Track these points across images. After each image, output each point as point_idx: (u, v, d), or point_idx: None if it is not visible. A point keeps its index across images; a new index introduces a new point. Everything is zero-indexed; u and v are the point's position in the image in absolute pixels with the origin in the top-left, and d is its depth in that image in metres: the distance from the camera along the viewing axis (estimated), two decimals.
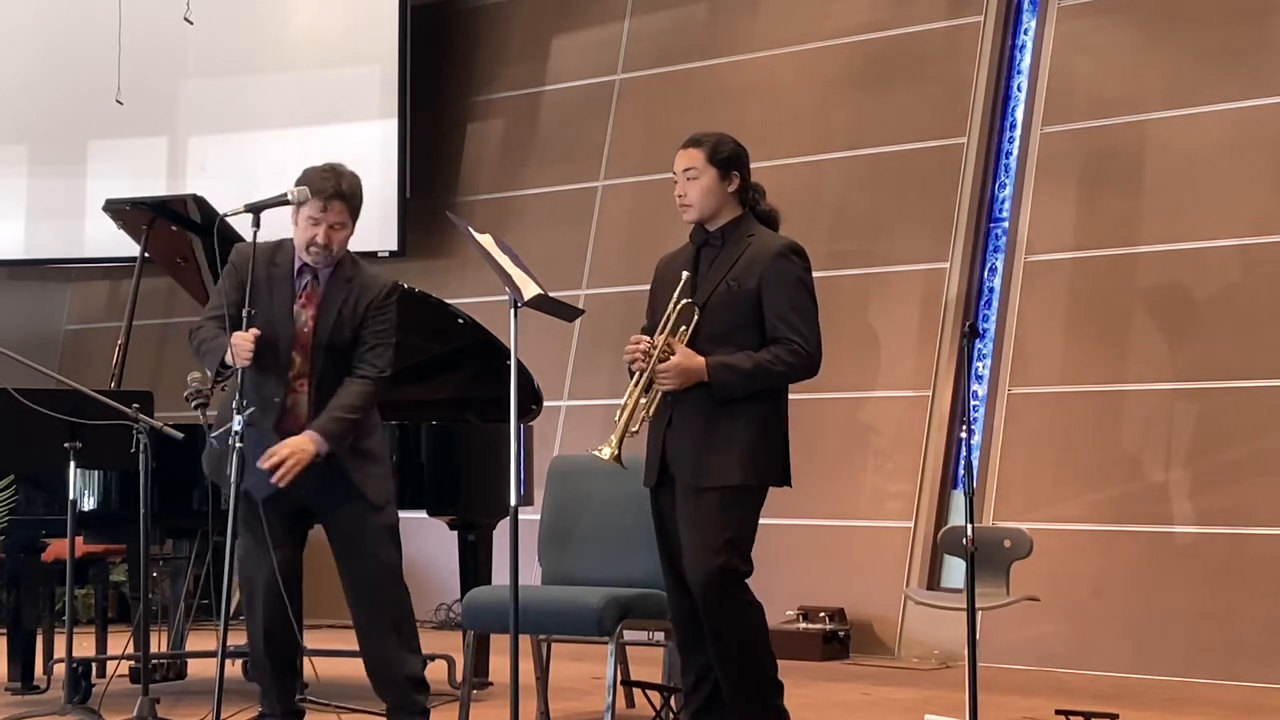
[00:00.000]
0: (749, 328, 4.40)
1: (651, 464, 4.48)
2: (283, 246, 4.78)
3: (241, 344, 4.53)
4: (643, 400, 4.34)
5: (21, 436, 5.37)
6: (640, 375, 4.34)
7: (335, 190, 4.68)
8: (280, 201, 4.63)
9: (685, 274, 4.43)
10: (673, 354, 4.34)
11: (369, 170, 9.59)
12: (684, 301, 4.38)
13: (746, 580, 4.40)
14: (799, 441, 8.14)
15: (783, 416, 4.49)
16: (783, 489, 4.55)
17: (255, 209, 4.57)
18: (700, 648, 4.45)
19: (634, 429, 4.34)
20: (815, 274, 4.61)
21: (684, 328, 4.37)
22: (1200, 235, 7.33)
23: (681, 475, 4.40)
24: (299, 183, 4.70)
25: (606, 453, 4.29)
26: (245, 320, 4.56)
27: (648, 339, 4.38)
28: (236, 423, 4.43)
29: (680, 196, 4.50)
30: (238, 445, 4.40)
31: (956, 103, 8.15)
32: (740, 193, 4.52)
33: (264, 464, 4.56)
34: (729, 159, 4.49)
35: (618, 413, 4.35)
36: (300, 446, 4.61)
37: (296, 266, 4.74)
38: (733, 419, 4.37)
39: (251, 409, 4.48)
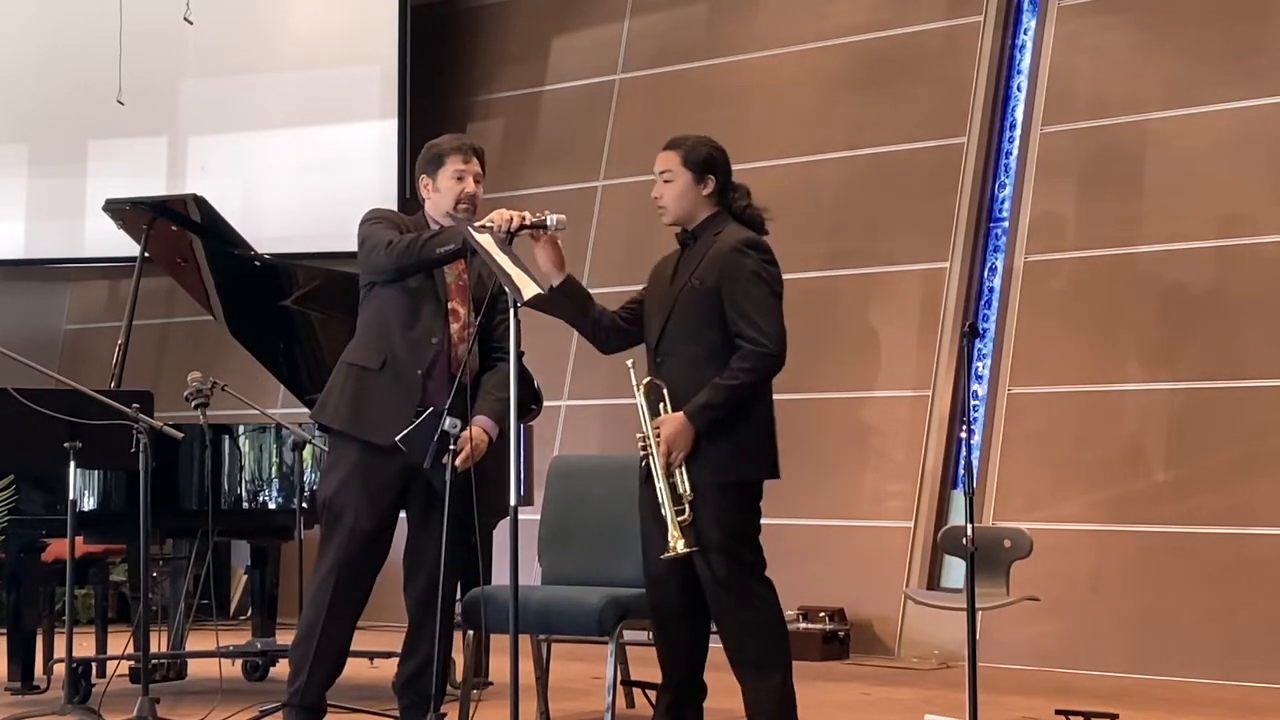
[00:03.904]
0: (715, 325, 4.47)
1: (643, 465, 4.55)
2: (416, 218, 4.86)
3: (506, 210, 4.47)
4: (673, 482, 4.42)
5: (21, 436, 5.36)
6: (656, 468, 4.42)
7: (472, 145, 4.83)
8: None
9: (630, 363, 4.57)
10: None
11: (369, 170, 9.76)
12: (645, 381, 4.50)
13: (757, 570, 4.51)
14: (800, 442, 8.16)
15: (756, 413, 4.52)
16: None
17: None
18: (676, 638, 4.57)
19: (684, 518, 4.39)
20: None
21: (661, 404, 4.46)
22: (1200, 235, 7.33)
23: None
24: (423, 158, 4.85)
25: (681, 545, 4.36)
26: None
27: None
28: (447, 423, 4.40)
29: (656, 198, 4.60)
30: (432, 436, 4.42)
31: (956, 103, 8.15)
32: (717, 195, 4.59)
33: (460, 462, 4.51)
34: (704, 162, 4.56)
35: (663, 508, 4.41)
36: (480, 438, 4.62)
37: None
38: None
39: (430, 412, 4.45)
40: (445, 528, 4.49)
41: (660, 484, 4.41)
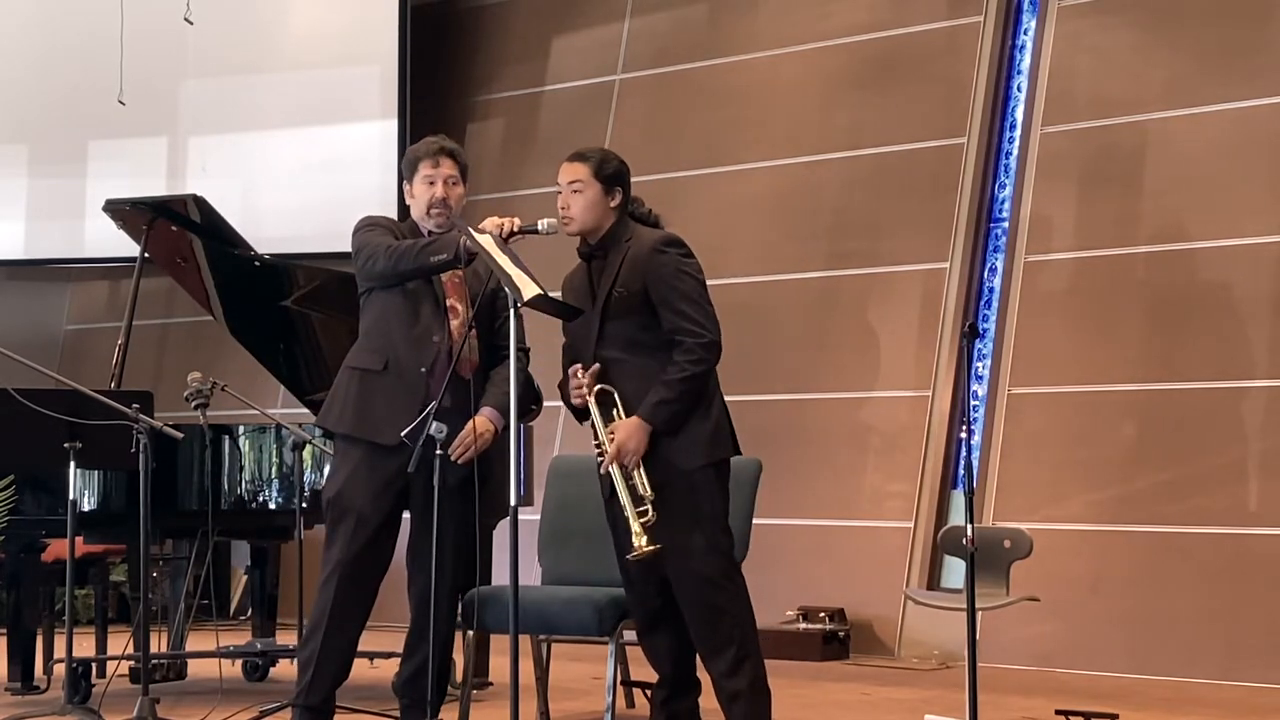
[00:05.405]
0: (649, 327, 4.56)
1: (604, 477, 4.59)
2: (409, 224, 4.88)
3: (497, 218, 4.48)
4: (633, 483, 4.47)
5: (21, 436, 5.36)
6: (613, 473, 4.47)
7: (440, 147, 4.82)
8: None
9: (574, 364, 4.60)
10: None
11: (369, 170, 9.76)
12: (597, 388, 4.54)
13: (730, 553, 4.59)
14: (800, 442, 8.15)
15: (714, 397, 4.61)
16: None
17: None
18: (661, 638, 4.66)
19: (648, 518, 4.42)
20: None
21: (614, 410, 4.51)
22: (1200, 235, 7.33)
23: None
24: (404, 164, 4.85)
25: (644, 541, 4.39)
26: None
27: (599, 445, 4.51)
28: (433, 428, 4.40)
29: (563, 209, 4.66)
30: (436, 449, 4.41)
31: (956, 103, 8.15)
32: (621, 208, 4.68)
33: (456, 453, 4.54)
34: (613, 175, 4.66)
35: (625, 510, 4.44)
36: (486, 428, 4.67)
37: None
38: None
39: (433, 423, 4.42)
40: (435, 534, 4.49)
41: (619, 487, 4.45)
